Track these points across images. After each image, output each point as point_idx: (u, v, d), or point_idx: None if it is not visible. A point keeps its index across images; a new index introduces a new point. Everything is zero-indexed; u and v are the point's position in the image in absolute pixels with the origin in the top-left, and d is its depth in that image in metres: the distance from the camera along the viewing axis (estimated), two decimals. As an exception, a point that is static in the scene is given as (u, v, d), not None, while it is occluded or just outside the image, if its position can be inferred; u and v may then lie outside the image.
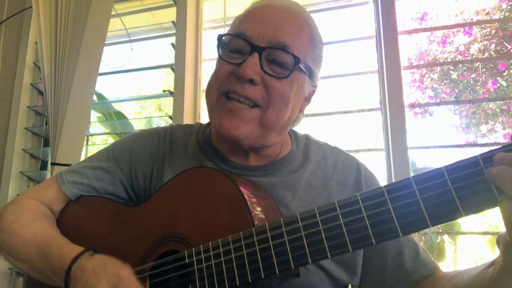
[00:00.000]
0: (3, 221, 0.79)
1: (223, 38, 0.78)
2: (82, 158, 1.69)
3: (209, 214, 0.67)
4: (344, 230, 0.53)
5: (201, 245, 0.64)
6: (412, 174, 1.46)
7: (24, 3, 2.05)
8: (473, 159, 0.47)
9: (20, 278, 1.83)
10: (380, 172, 0.82)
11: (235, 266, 0.59)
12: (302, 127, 1.00)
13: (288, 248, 0.56)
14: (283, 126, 0.79)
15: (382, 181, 0.86)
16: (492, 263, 0.56)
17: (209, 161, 0.84)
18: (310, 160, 0.85)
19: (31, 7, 1.75)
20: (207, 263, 0.62)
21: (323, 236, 0.54)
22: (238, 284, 0.59)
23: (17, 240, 0.76)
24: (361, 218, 0.52)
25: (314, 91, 0.86)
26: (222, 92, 0.75)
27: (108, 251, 0.67)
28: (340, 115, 1.62)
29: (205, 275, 0.62)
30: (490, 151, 0.46)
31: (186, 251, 0.65)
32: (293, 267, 0.56)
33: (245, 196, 0.65)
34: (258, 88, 0.73)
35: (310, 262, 0.55)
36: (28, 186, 1.93)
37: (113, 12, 1.78)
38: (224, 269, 0.60)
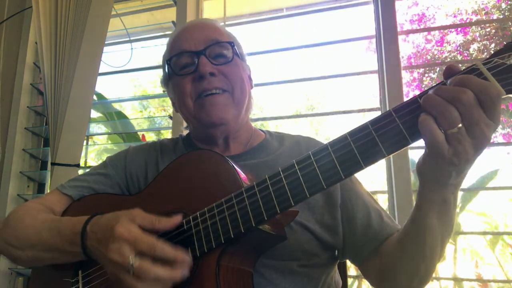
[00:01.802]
0: (10, 217, 0.86)
1: (171, 61, 0.93)
2: (82, 158, 1.69)
3: (203, 186, 0.74)
4: (318, 172, 0.62)
5: (198, 212, 0.70)
6: (412, 174, 1.47)
7: (24, 3, 2.05)
8: (413, 98, 0.58)
9: (20, 278, 1.83)
10: (380, 172, 0.83)
11: (228, 220, 0.67)
12: (302, 127, 1.02)
13: (273, 196, 0.65)
14: (247, 102, 0.94)
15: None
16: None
17: None
18: (284, 145, 0.96)
19: (31, 7, 1.75)
20: (204, 225, 0.69)
21: (302, 180, 0.63)
22: (232, 236, 0.66)
23: (26, 228, 0.81)
24: (330, 160, 0.62)
25: (250, 71, 1.02)
26: (196, 98, 0.89)
27: None
28: (340, 115, 1.62)
29: (202, 235, 0.69)
30: (426, 89, 0.58)
31: (184, 220, 0.71)
32: (278, 212, 0.64)
33: (234, 165, 0.73)
34: (219, 78, 0.88)
35: (293, 204, 0.64)
36: (28, 186, 1.94)
37: (113, 12, 1.78)
38: (219, 226, 0.68)
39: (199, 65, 0.87)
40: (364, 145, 0.60)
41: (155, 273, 0.61)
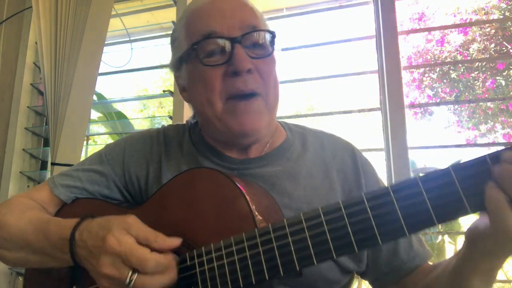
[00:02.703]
0: None
1: (198, 46, 0.75)
2: (82, 158, 1.69)
3: (209, 215, 0.66)
4: (350, 231, 0.52)
5: (203, 247, 0.63)
6: (412, 174, 1.47)
7: (24, 3, 2.04)
8: (481, 158, 0.47)
9: (20, 278, 1.83)
10: (380, 172, 0.82)
11: (238, 268, 0.59)
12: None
13: (293, 250, 0.55)
14: (278, 103, 0.82)
15: (382, 181, 0.87)
16: (457, 254, 0.60)
17: (205, 159, 0.83)
18: (308, 149, 0.84)
19: (31, 7, 1.75)
20: (209, 265, 0.61)
21: (328, 237, 0.53)
22: (242, 286, 0.59)
23: (11, 229, 0.75)
24: (366, 218, 0.51)
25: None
26: (227, 98, 0.74)
27: None
28: (340, 115, 1.62)
29: (208, 277, 0.61)
30: (498, 151, 0.46)
31: (187, 253, 0.64)
32: (298, 269, 0.55)
33: (247, 197, 0.64)
34: (254, 76, 0.74)
35: (315, 263, 0.54)
36: (28, 186, 1.93)
37: (113, 12, 1.78)
38: (227, 271, 0.60)
39: (236, 58, 0.71)
40: (410, 207, 0.48)
41: (155, 286, 0.58)
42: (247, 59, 0.72)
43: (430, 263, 0.79)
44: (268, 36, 0.76)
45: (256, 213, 0.63)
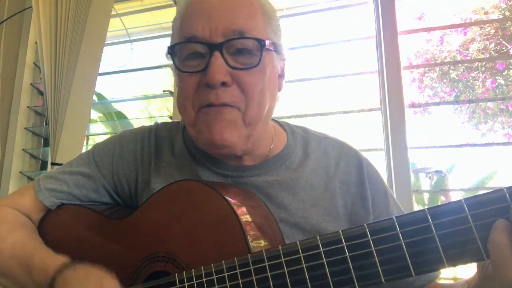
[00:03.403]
0: None
1: (175, 48, 0.69)
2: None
3: (200, 234, 0.63)
4: (350, 265, 0.48)
5: (193, 270, 0.60)
6: (412, 174, 1.47)
7: (24, 3, 2.04)
8: (499, 192, 0.42)
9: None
10: (380, 172, 0.81)
11: None
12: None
13: (289, 282, 0.51)
14: (267, 115, 0.73)
15: (392, 193, 0.83)
16: (467, 282, 0.56)
17: (199, 165, 0.78)
18: (309, 157, 0.78)
19: (31, 7, 1.75)
20: None
21: (327, 270, 0.49)
22: None
23: None
24: (369, 252, 0.47)
25: (284, 64, 0.77)
26: (199, 108, 0.69)
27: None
28: (340, 115, 1.62)
29: None
30: None
31: (177, 274, 0.62)
32: None
33: (240, 217, 0.61)
34: (232, 88, 0.67)
35: None
36: (28, 186, 1.94)
37: (113, 12, 1.78)
38: None
39: (210, 69, 0.64)
40: (418, 244, 0.44)
41: None
42: (223, 70, 0.65)
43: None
44: (254, 44, 0.67)
45: (250, 232, 0.60)
